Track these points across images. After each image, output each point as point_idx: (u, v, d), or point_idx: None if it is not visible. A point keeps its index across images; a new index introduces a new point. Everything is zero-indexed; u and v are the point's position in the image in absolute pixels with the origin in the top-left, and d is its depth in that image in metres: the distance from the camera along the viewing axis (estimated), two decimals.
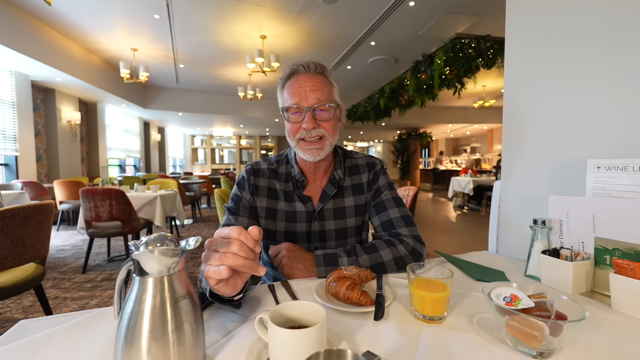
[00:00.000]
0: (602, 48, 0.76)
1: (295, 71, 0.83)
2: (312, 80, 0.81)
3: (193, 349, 0.41)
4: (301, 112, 0.81)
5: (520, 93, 0.97)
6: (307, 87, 0.80)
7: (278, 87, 0.87)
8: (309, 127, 0.80)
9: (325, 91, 0.81)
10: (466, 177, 6.77)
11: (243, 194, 0.89)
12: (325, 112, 0.82)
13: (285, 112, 0.83)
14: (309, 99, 0.80)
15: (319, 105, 0.80)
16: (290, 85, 0.82)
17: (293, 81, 0.82)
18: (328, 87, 0.83)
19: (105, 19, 4.63)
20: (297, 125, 0.82)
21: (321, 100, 0.80)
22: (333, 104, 0.83)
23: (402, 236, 0.83)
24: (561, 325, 0.42)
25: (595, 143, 0.78)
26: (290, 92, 0.82)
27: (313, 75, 0.82)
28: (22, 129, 5.06)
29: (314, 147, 0.82)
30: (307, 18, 4.64)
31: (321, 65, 0.84)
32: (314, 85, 0.80)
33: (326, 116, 0.82)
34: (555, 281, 0.68)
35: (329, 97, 0.82)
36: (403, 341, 0.49)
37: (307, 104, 0.80)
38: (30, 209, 1.43)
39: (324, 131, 0.82)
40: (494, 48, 4.28)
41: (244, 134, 14.86)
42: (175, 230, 4.32)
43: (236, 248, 0.46)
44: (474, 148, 15.52)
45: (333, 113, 0.83)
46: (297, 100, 0.80)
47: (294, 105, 0.80)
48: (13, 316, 2.04)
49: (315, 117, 0.81)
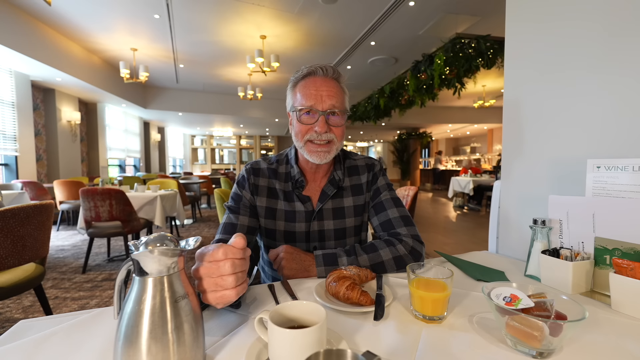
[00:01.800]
0: (602, 48, 0.76)
1: (313, 73, 0.83)
2: (329, 84, 0.82)
3: (193, 349, 0.41)
4: (314, 115, 0.81)
5: (520, 93, 0.97)
6: (324, 91, 0.80)
7: (290, 84, 0.87)
8: (321, 131, 0.80)
9: (340, 97, 0.83)
10: (466, 177, 6.77)
11: (243, 192, 0.89)
12: (338, 117, 0.83)
13: (297, 112, 0.83)
14: (324, 103, 0.80)
15: (333, 110, 0.81)
16: (305, 86, 0.82)
17: (309, 82, 0.82)
18: (342, 93, 0.84)
19: (105, 19, 4.62)
20: (309, 127, 0.82)
21: (336, 106, 0.81)
22: (345, 111, 0.84)
23: (401, 236, 0.83)
24: (561, 325, 0.42)
25: (595, 143, 0.78)
26: (305, 93, 0.81)
27: (330, 80, 0.83)
28: (22, 129, 5.06)
29: (322, 150, 0.83)
30: (307, 18, 4.64)
31: (338, 71, 0.85)
32: (330, 90, 0.81)
33: (338, 122, 0.83)
34: (555, 281, 0.68)
35: (342, 104, 0.84)
36: (403, 341, 0.49)
37: (322, 108, 0.80)
38: (30, 209, 1.43)
39: (333, 136, 0.83)
40: (494, 48, 4.28)
41: (244, 134, 14.86)
42: (175, 230, 4.32)
43: (229, 269, 0.47)
44: (474, 148, 15.52)
45: (344, 119, 0.84)
46: (312, 103, 0.80)
47: (309, 107, 0.80)
48: (13, 316, 2.04)
49: (328, 121, 0.82)
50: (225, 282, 0.47)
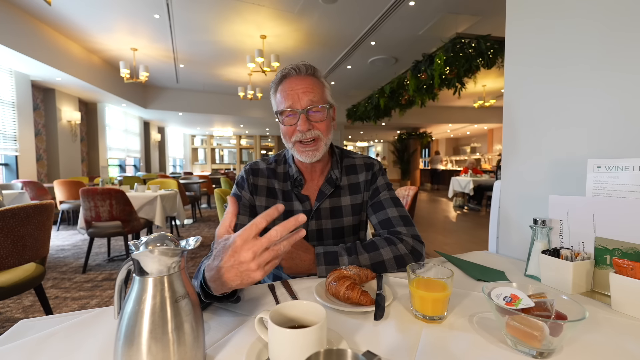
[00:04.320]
0: (602, 48, 0.76)
1: (287, 74, 0.84)
2: (304, 82, 0.82)
3: (193, 348, 0.41)
4: (295, 115, 0.82)
5: (520, 93, 0.97)
6: (300, 90, 0.81)
7: (271, 91, 0.88)
8: (304, 129, 0.81)
9: (318, 92, 0.83)
10: (466, 177, 6.77)
11: (243, 193, 0.89)
12: (319, 112, 0.83)
13: (279, 115, 0.84)
14: (301, 101, 0.80)
15: (312, 106, 0.81)
16: (282, 88, 0.83)
17: (285, 84, 0.83)
18: (320, 87, 0.84)
19: (105, 19, 4.62)
20: (292, 127, 0.83)
21: (314, 101, 0.81)
22: (326, 104, 0.84)
23: (401, 235, 0.83)
24: (561, 325, 0.42)
25: (595, 143, 0.78)
26: (283, 95, 0.82)
27: (304, 77, 0.83)
28: (22, 129, 5.06)
29: (309, 149, 0.84)
30: (307, 18, 4.64)
31: (312, 67, 0.85)
32: (306, 87, 0.81)
33: (320, 117, 0.83)
34: (555, 281, 0.68)
35: (322, 98, 0.83)
36: (403, 341, 0.49)
37: (301, 106, 0.81)
38: (31, 208, 1.43)
39: (318, 132, 0.83)
40: (494, 48, 4.28)
41: (244, 134, 14.85)
42: (175, 230, 4.32)
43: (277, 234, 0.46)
44: (474, 148, 15.52)
45: (326, 113, 0.84)
46: (290, 103, 0.81)
47: (288, 108, 0.81)
48: (13, 316, 2.04)
49: (309, 118, 0.82)
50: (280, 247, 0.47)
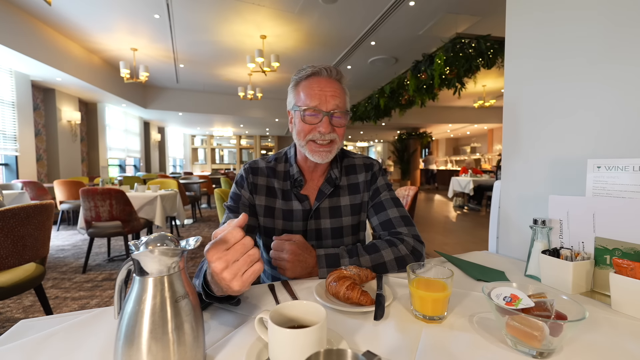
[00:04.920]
0: (602, 48, 0.76)
1: (317, 73, 0.83)
2: (333, 85, 0.82)
3: (193, 348, 0.41)
4: (317, 115, 0.81)
5: (520, 93, 0.97)
6: (328, 92, 0.81)
7: (292, 83, 0.87)
8: (325, 131, 0.81)
9: (343, 98, 0.84)
10: (466, 177, 6.76)
11: (242, 192, 0.89)
12: (341, 118, 0.84)
13: (301, 111, 0.83)
14: (328, 104, 0.81)
15: (337, 110, 0.82)
16: (309, 85, 0.82)
17: (313, 82, 0.82)
18: (344, 94, 0.85)
19: (105, 19, 4.62)
20: (312, 127, 0.82)
21: (339, 106, 0.82)
22: (347, 111, 0.85)
23: (402, 235, 0.83)
24: (561, 325, 0.42)
25: (595, 143, 0.78)
26: (309, 93, 0.82)
27: (334, 80, 0.84)
28: (22, 129, 5.06)
29: (324, 149, 0.84)
30: (307, 18, 4.64)
31: (341, 72, 0.85)
32: (334, 90, 0.82)
33: (341, 122, 0.84)
34: (555, 281, 0.68)
35: (345, 105, 0.84)
36: (403, 341, 0.49)
37: (327, 109, 0.81)
38: (31, 209, 1.43)
39: (335, 136, 0.83)
40: (494, 48, 4.27)
41: (244, 134, 14.86)
42: (176, 230, 4.32)
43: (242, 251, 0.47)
44: (474, 148, 15.51)
45: (346, 120, 0.85)
46: (317, 103, 0.80)
47: (313, 107, 0.81)
48: (13, 316, 2.04)
49: (332, 122, 0.82)
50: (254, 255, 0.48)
